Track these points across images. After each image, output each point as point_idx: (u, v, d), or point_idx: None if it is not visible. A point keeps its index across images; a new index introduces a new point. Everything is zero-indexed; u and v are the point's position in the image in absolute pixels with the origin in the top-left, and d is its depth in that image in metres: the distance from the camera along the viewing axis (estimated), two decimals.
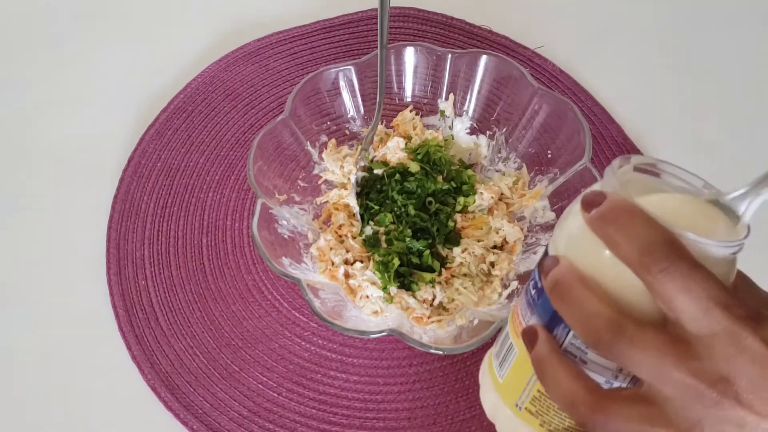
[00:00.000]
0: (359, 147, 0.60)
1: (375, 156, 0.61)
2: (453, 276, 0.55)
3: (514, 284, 0.54)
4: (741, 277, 0.30)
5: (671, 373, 0.27)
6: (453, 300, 0.54)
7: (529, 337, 0.31)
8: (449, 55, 0.60)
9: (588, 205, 0.28)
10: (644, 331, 0.27)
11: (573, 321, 0.29)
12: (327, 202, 0.59)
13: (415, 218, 0.57)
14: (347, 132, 0.62)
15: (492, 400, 0.35)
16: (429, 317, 0.53)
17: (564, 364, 0.30)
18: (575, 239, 0.30)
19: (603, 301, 0.28)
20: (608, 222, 0.28)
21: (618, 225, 0.27)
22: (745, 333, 0.26)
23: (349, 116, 0.62)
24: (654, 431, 0.27)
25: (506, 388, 0.34)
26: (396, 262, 0.54)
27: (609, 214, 0.28)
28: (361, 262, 0.56)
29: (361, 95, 0.61)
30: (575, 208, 0.30)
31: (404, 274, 0.55)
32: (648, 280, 0.27)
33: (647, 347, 0.27)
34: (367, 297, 0.54)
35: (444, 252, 0.56)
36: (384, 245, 0.56)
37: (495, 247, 0.57)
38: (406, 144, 0.60)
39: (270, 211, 0.53)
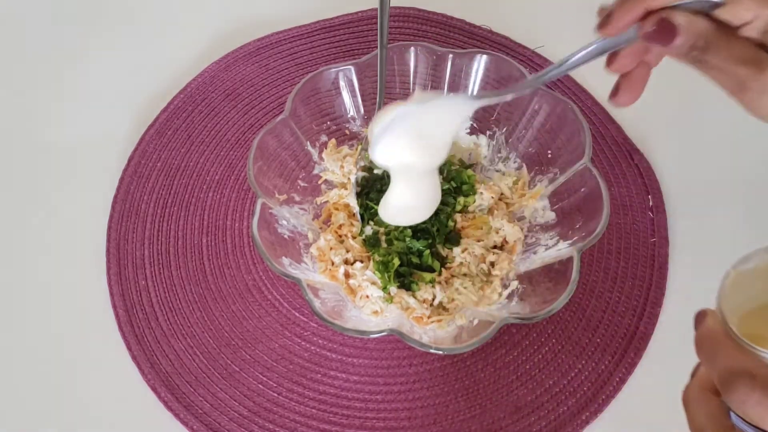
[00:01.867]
0: (359, 147, 0.60)
1: None
2: (453, 276, 0.55)
3: (514, 284, 0.53)
4: None
5: None
6: (453, 300, 0.54)
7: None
8: (449, 55, 0.60)
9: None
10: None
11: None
12: (327, 202, 0.59)
13: None
14: (347, 132, 0.62)
15: None
16: (429, 317, 0.53)
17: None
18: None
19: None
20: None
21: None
22: None
23: (349, 116, 0.62)
24: None
25: None
26: (396, 262, 0.54)
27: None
28: (361, 262, 0.56)
29: (361, 95, 0.61)
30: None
31: (404, 274, 0.55)
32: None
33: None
34: (367, 297, 0.54)
35: (444, 252, 0.56)
36: (384, 245, 0.56)
37: (495, 247, 0.57)
38: None
39: (270, 211, 0.53)
